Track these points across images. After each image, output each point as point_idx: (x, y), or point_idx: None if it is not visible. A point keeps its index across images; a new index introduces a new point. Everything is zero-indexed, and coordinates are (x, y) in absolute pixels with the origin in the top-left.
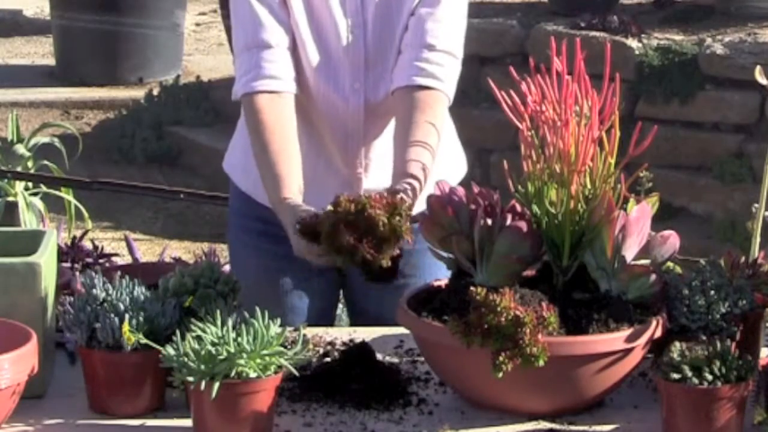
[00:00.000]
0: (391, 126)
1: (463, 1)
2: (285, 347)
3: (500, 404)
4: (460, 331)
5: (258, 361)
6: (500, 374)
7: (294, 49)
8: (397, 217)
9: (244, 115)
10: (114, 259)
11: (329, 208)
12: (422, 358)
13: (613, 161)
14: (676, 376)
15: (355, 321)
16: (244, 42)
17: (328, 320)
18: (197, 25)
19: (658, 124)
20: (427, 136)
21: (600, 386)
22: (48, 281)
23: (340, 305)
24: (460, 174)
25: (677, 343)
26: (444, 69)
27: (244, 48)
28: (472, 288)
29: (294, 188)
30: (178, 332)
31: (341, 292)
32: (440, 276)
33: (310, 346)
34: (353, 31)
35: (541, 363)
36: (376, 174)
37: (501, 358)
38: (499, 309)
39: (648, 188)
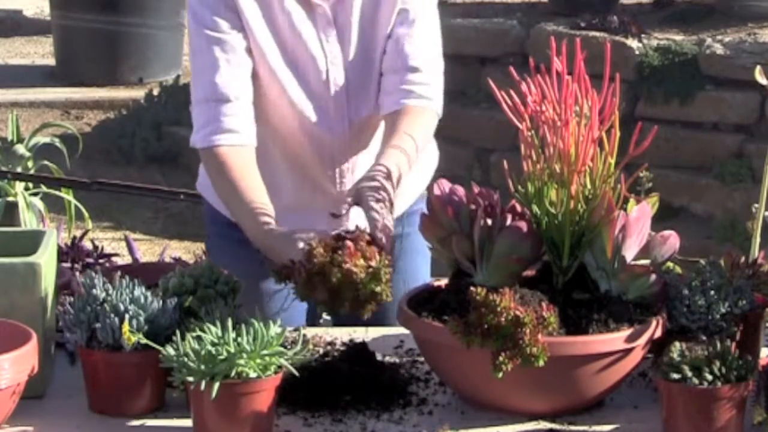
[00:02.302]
0: (375, 142)
1: (434, 11)
2: (285, 347)
3: (500, 404)
4: (460, 331)
5: (258, 361)
6: (500, 374)
7: (263, 92)
8: (377, 285)
9: (204, 165)
10: (114, 259)
11: (303, 254)
12: (422, 358)
13: (613, 161)
14: (676, 376)
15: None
16: (203, 93)
17: (313, 320)
18: None
19: (658, 125)
20: (403, 141)
21: (600, 386)
22: (48, 281)
23: None
24: (433, 165)
25: (677, 343)
26: (430, 87)
27: (202, 99)
28: (472, 288)
29: (271, 217)
30: (178, 332)
31: None
32: (420, 260)
33: (310, 346)
34: (333, 63)
35: (541, 363)
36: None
37: (501, 358)
38: (499, 309)
39: (648, 188)
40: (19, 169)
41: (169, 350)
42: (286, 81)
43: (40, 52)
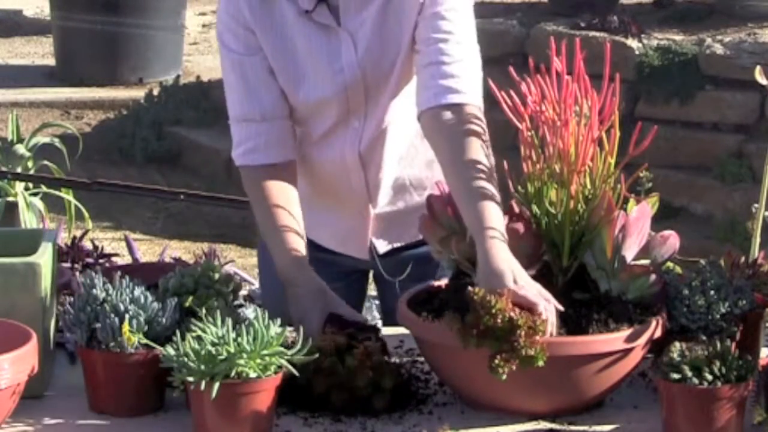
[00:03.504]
0: (393, 148)
1: (468, 6)
2: (285, 347)
3: (500, 404)
4: (458, 330)
5: (258, 361)
6: (500, 376)
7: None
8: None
9: (244, 183)
10: (114, 259)
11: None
12: (422, 358)
13: (613, 161)
14: (676, 376)
15: (386, 320)
16: (233, 113)
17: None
18: (204, 26)
19: (658, 124)
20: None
21: (600, 386)
22: (48, 281)
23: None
24: None
25: (677, 343)
26: (463, 79)
27: (234, 118)
28: (469, 288)
29: (306, 261)
30: (178, 332)
31: (374, 291)
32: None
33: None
34: (352, 89)
35: (540, 363)
36: (385, 198)
37: (497, 361)
38: (494, 311)
39: (648, 188)
40: (19, 169)
41: (169, 350)
42: (305, 111)
43: (40, 52)
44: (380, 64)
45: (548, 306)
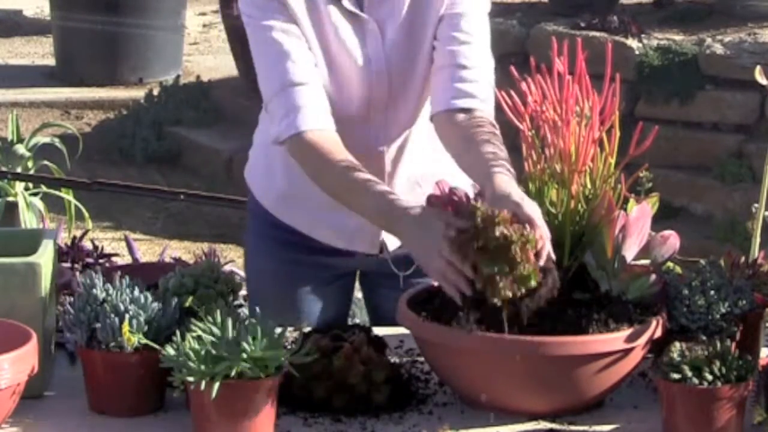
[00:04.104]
0: (413, 148)
1: (483, 9)
2: (285, 347)
3: (500, 404)
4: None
5: (258, 361)
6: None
7: None
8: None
9: (296, 157)
10: (114, 259)
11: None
12: (422, 358)
13: (613, 161)
14: (676, 376)
15: (373, 317)
16: (279, 82)
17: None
18: (204, 26)
19: (658, 124)
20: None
21: (600, 386)
22: (48, 281)
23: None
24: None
25: (677, 343)
26: (479, 84)
27: (279, 89)
28: (471, 204)
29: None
30: (178, 332)
31: (360, 295)
32: None
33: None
34: (378, 74)
35: (533, 283)
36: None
37: (497, 283)
38: (497, 221)
39: (648, 188)
40: (19, 169)
41: (169, 350)
42: (329, 94)
43: (40, 52)
44: (406, 56)
45: (546, 229)
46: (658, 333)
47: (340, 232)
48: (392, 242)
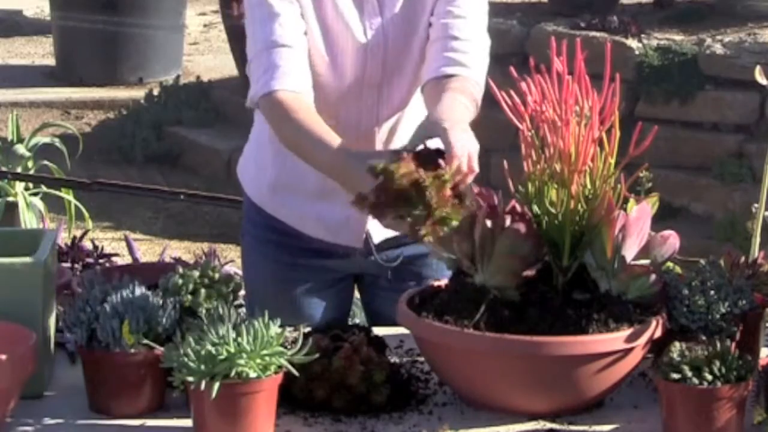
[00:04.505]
0: (404, 132)
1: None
2: (285, 347)
3: (500, 404)
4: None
5: (258, 361)
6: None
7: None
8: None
9: (266, 115)
10: (114, 259)
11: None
12: (422, 358)
13: (613, 161)
14: (676, 376)
15: (373, 320)
16: (263, 43)
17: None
18: (204, 26)
19: (658, 124)
20: (455, 105)
21: (600, 386)
22: (48, 281)
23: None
24: None
25: (677, 343)
26: (469, 55)
27: (262, 49)
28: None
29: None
30: (178, 332)
31: (357, 297)
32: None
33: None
34: (373, 50)
35: (455, 223)
36: None
37: (424, 231)
38: (398, 175)
39: (648, 188)
40: (19, 169)
41: (169, 350)
42: (323, 65)
43: (40, 52)
44: (402, 33)
45: (467, 159)
46: (658, 333)
47: (327, 223)
48: (377, 235)
